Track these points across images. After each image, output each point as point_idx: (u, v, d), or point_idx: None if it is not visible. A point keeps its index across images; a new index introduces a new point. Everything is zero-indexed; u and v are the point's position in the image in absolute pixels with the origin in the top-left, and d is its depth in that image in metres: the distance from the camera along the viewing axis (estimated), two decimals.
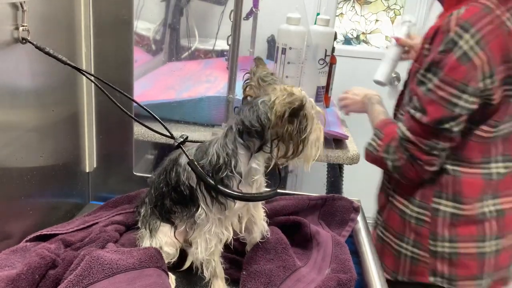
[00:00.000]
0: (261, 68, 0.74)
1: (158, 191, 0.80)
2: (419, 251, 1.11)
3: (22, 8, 0.72)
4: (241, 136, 0.69)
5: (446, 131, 1.00)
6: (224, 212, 0.73)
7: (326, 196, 1.01)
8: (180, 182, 0.75)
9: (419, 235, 1.11)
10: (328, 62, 1.55)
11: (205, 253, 0.75)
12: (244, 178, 0.71)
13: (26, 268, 0.69)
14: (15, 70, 0.75)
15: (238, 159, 0.70)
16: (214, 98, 1.31)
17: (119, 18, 0.95)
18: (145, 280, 0.70)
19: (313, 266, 0.84)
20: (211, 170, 0.70)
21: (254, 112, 0.68)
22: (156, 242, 0.79)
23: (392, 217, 1.17)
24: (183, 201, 0.76)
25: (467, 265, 1.08)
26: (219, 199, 0.71)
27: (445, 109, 0.98)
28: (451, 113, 0.98)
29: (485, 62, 0.95)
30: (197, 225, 0.75)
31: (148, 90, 1.42)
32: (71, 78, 0.93)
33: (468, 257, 1.08)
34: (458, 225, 1.07)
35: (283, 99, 0.65)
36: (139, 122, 0.79)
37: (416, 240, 1.11)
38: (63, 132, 0.94)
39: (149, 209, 0.82)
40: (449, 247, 1.08)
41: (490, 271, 1.09)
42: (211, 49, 1.87)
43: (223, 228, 0.75)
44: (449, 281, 1.10)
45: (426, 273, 1.11)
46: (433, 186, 1.09)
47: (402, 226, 1.14)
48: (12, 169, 0.76)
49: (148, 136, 1.23)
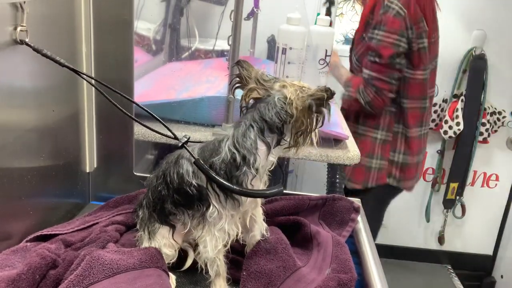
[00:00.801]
0: (251, 69, 0.75)
1: (156, 194, 0.78)
2: (383, 162, 1.69)
3: (22, 8, 0.72)
4: (261, 132, 0.71)
5: (397, 64, 1.55)
6: (238, 208, 0.74)
7: (326, 196, 1.01)
8: (185, 183, 0.74)
9: (384, 151, 1.69)
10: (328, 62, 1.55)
11: (214, 252, 0.75)
12: (259, 174, 0.73)
13: (26, 268, 0.69)
14: (15, 70, 0.75)
15: (257, 155, 0.72)
16: (214, 98, 1.30)
17: (119, 18, 0.95)
18: (145, 280, 0.70)
19: (314, 266, 0.84)
20: (225, 168, 0.71)
21: (272, 109, 0.71)
22: (155, 244, 0.79)
23: (364, 144, 1.67)
24: (188, 202, 0.75)
25: (410, 170, 1.71)
26: (233, 195, 0.72)
27: (392, 48, 1.53)
28: (397, 50, 1.53)
29: (408, 17, 1.50)
30: (207, 223, 0.74)
31: (148, 90, 1.42)
32: (71, 78, 0.93)
33: (411, 165, 1.70)
34: (408, 142, 1.68)
35: (298, 94, 0.70)
36: (141, 124, 0.78)
37: (382, 154, 1.69)
38: (63, 132, 0.94)
39: (147, 212, 0.81)
40: (402, 158, 1.69)
41: (420, 173, 1.84)
42: (211, 49, 1.86)
43: (233, 224, 0.75)
44: (398, 181, 1.72)
45: (385, 177, 1.71)
46: (393, 117, 1.67)
47: (373, 147, 1.69)
48: (12, 169, 0.76)
49: (148, 136, 1.23)
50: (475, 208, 2.66)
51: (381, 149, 1.69)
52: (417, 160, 1.74)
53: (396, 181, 1.72)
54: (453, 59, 2.40)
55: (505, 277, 2.70)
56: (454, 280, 2.69)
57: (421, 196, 2.68)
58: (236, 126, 0.74)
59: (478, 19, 2.35)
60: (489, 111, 2.45)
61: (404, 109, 1.66)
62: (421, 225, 2.74)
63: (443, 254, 2.79)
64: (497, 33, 2.36)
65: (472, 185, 2.64)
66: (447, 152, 2.55)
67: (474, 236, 2.75)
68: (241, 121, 0.74)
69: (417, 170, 1.77)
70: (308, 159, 1.24)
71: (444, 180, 2.59)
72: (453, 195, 2.57)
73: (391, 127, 1.69)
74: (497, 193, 2.65)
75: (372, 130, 1.71)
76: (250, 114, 0.73)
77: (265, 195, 0.76)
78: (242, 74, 0.75)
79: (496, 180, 2.63)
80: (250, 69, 0.75)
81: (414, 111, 1.66)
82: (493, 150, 2.58)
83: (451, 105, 2.41)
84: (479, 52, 2.37)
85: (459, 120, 2.37)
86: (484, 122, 2.44)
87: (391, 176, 1.72)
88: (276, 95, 0.72)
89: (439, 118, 2.48)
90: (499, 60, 2.40)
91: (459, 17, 2.36)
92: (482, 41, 2.37)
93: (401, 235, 2.74)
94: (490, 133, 2.48)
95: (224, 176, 0.71)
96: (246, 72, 0.75)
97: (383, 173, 1.71)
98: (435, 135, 2.52)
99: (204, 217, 0.74)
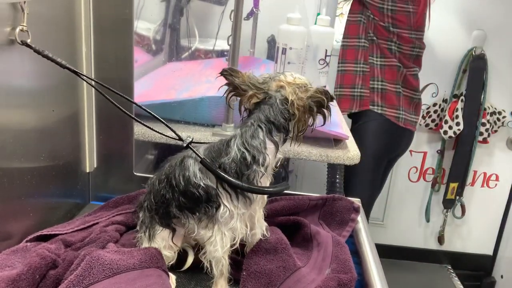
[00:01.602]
0: (240, 75, 0.75)
1: (159, 198, 0.78)
2: (364, 90, 1.85)
3: (22, 9, 0.72)
4: (270, 133, 0.73)
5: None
6: (250, 206, 0.75)
7: (326, 197, 1.01)
8: (191, 185, 0.74)
9: (364, 80, 1.85)
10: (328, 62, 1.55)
11: (222, 251, 0.75)
12: (267, 172, 0.75)
13: (26, 269, 0.69)
14: (15, 70, 0.75)
15: (266, 153, 0.73)
16: (214, 98, 1.30)
17: (119, 18, 0.95)
18: (145, 281, 0.70)
19: (313, 266, 0.84)
20: (235, 167, 0.72)
21: (276, 109, 0.73)
22: (155, 246, 0.78)
23: (346, 78, 1.88)
24: (194, 205, 0.75)
25: (390, 97, 1.84)
26: (245, 194, 0.73)
27: None
28: None
29: None
30: (217, 223, 0.74)
31: (148, 90, 1.42)
32: (71, 78, 0.93)
33: (390, 92, 1.84)
34: (385, 71, 1.83)
35: (297, 94, 0.73)
36: (144, 125, 0.78)
37: (362, 84, 1.85)
38: (63, 132, 0.94)
39: (148, 215, 0.80)
40: (381, 85, 1.84)
41: (404, 106, 1.87)
42: (211, 49, 1.86)
43: (242, 223, 0.76)
44: (381, 108, 1.85)
45: (368, 104, 1.85)
46: (368, 51, 1.84)
47: (354, 79, 1.87)
48: (12, 169, 0.76)
49: (148, 136, 1.23)
50: (475, 208, 2.66)
51: (361, 79, 1.88)
52: (396, 90, 1.86)
53: (380, 108, 1.86)
54: (453, 59, 2.40)
55: (505, 277, 2.70)
56: (454, 280, 2.69)
57: (421, 196, 2.68)
58: (243, 127, 0.74)
59: (478, 19, 2.34)
60: (489, 111, 2.45)
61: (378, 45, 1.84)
62: (421, 225, 2.74)
63: (443, 254, 2.79)
64: (497, 33, 2.36)
65: (472, 185, 2.63)
66: (447, 152, 2.55)
67: (474, 236, 2.74)
68: (247, 122, 0.75)
69: (399, 102, 1.87)
70: (308, 159, 1.24)
71: (444, 180, 2.59)
72: (453, 195, 2.57)
73: (367, 59, 1.88)
74: (497, 193, 2.65)
75: (351, 64, 1.90)
76: (256, 115, 0.74)
77: (274, 191, 0.78)
78: (235, 83, 0.76)
79: (496, 180, 2.63)
80: (239, 75, 0.76)
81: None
82: (493, 150, 2.58)
83: (451, 105, 2.41)
84: (479, 52, 2.37)
85: (459, 120, 2.37)
86: (484, 122, 2.44)
87: (374, 104, 1.86)
88: (277, 96, 0.74)
89: (439, 118, 2.48)
90: (499, 60, 2.40)
91: (459, 17, 2.36)
92: (482, 41, 2.37)
93: (401, 235, 2.74)
94: (490, 133, 2.48)
95: (235, 175, 0.72)
96: (238, 80, 0.75)
97: (365, 100, 1.88)
98: (435, 135, 2.52)
99: (213, 218, 0.74)
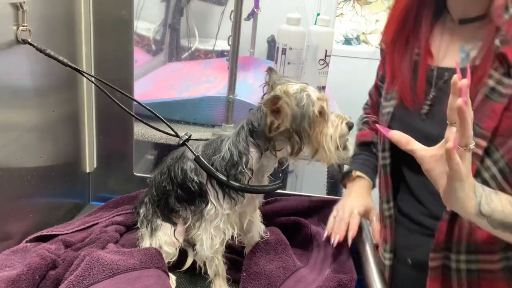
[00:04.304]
0: (273, 75, 0.75)
1: (160, 190, 0.80)
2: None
3: (22, 8, 0.71)
4: (251, 135, 0.72)
5: None
6: (234, 207, 0.74)
7: (327, 199, 1.02)
8: (188, 179, 0.76)
9: None
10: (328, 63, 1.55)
11: (210, 250, 0.75)
12: (255, 175, 0.74)
13: (26, 269, 0.69)
14: (16, 70, 0.75)
15: (249, 157, 0.72)
16: (214, 98, 1.30)
17: (119, 18, 0.95)
18: (145, 281, 0.69)
19: (314, 266, 0.84)
20: (224, 166, 0.72)
21: (260, 113, 0.70)
22: (156, 241, 0.79)
23: None
24: (190, 197, 0.77)
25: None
26: (231, 194, 0.73)
27: None
28: None
29: None
30: (204, 220, 0.75)
31: (148, 90, 1.42)
32: (72, 78, 0.93)
33: None
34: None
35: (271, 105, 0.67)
36: (142, 122, 0.78)
37: None
38: (63, 132, 0.94)
39: (150, 208, 0.82)
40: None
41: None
42: (211, 49, 1.86)
43: (228, 224, 0.76)
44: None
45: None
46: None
47: None
48: (12, 169, 0.76)
49: (148, 136, 1.23)
50: None
51: None
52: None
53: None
54: None
55: None
56: None
57: None
58: (238, 127, 0.75)
59: None
60: None
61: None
62: None
63: None
64: None
65: None
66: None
67: None
68: (242, 122, 0.74)
69: None
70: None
71: None
72: None
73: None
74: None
75: None
76: (249, 115, 0.73)
77: (263, 190, 0.77)
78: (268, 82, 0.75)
79: None
80: (272, 75, 0.75)
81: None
82: None
83: None
84: None
85: None
86: None
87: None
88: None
89: None
90: None
91: None
92: None
93: None
94: None
95: (224, 173, 0.72)
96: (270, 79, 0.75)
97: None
98: None
99: (202, 213, 0.75)
